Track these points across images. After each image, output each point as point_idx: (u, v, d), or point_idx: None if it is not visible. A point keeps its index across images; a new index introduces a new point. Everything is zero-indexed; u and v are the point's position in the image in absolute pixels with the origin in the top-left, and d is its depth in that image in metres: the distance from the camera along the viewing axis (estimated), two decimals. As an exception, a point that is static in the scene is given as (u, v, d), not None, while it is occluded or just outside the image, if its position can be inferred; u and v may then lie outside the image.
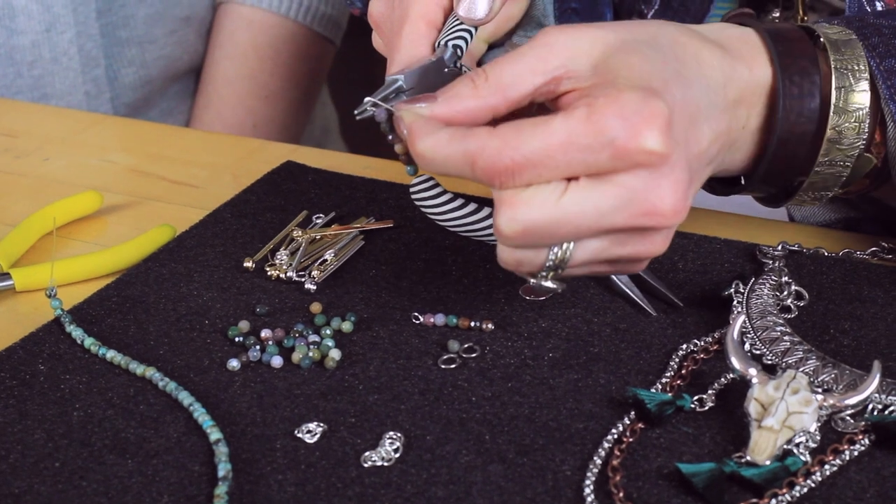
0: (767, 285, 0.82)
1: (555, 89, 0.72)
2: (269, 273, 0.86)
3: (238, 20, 1.38)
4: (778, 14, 1.01)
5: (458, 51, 0.80)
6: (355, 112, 0.77)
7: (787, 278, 0.83)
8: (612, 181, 0.70)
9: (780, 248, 0.86)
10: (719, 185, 0.85)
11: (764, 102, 0.79)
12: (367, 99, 0.76)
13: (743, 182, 0.83)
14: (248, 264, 0.87)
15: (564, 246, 0.71)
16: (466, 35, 0.81)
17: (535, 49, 0.73)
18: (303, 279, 0.86)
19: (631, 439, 0.72)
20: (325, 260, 0.87)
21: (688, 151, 0.71)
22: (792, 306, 0.82)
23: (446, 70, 0.80)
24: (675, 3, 1.01)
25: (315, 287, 0.85)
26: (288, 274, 0.86)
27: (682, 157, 0.71)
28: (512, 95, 0.72)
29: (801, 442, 0.70)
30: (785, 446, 0.70)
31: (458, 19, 0.81)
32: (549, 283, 0.74)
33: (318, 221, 0.92)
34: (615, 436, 0.72)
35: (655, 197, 0.70)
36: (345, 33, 1.46)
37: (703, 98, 0.74)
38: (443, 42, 0.80)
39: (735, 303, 0.81)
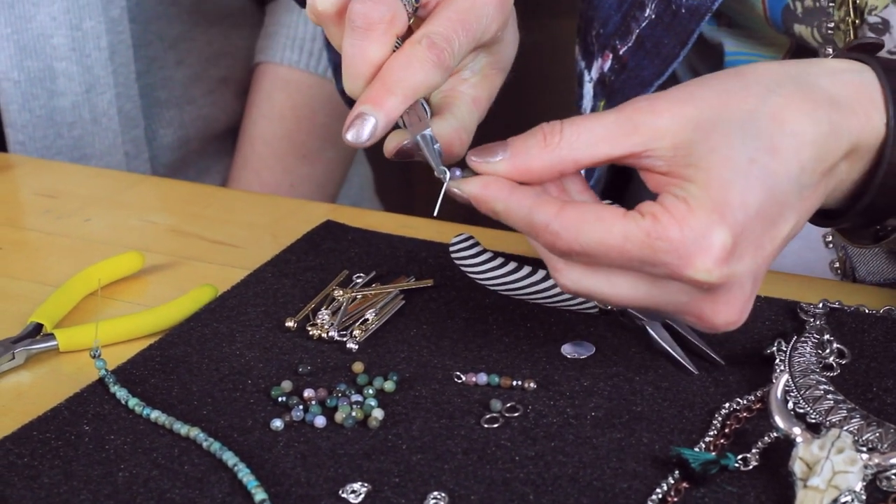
0: (809, 343, 0.82)
1: (634, 163, 0.72)
2: (310, 333, 0.87)
3: (275, 80, 1.39)
4: (831, 51, 1.00)
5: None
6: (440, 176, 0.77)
7: (828, 336, 0.83)
8: (669, 286, 0.72)
9: (821, 305, 0.86)
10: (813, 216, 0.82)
11: (870, 157, 0.76)
12: (441, 167, 0.76)
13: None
14: (290, 324, 0.87)
15: None
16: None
17: (620, 121, 0.72)
18: (344, 339, 0.86)
19: (675, 499, 0.72)
20: (367, 319, 0.87)
21: (756, 260, 0.71)
22: (834, 364, 0.82)
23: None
24: (647, 43, 1.00)
25: (357, 346, 0.85)
26: (330, 333, 0.86)
27: (744, 274, 0.71)
28: (583, 161, 0.73)
29: (846, 501, 0.70)
30: (831, 506, 0.69)
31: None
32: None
33: (359, 281, 0.93)
34: (660, 495, 0.72)
35: (709, 311, 0.72)
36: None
37: (793, 185, 0.72)
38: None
39: (777, 361, 0.81)
